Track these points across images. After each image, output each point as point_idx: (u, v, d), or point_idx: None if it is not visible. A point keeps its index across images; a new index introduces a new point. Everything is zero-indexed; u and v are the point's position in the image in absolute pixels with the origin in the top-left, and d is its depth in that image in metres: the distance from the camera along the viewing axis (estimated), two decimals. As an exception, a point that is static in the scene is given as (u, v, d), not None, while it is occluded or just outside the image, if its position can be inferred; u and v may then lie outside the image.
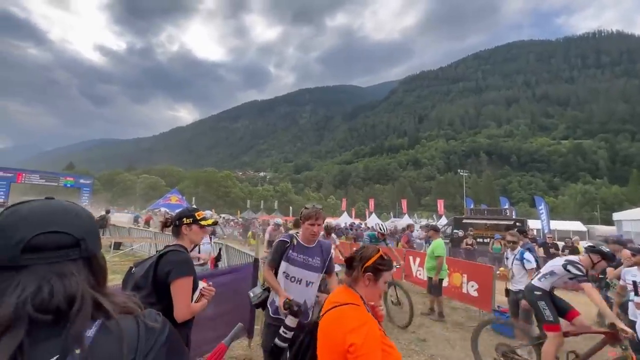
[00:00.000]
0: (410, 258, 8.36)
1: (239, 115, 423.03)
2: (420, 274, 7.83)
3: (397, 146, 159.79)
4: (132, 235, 12.00)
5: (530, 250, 4.99)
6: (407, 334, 5.00)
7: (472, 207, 27.41)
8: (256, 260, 4.18)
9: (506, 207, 25.57)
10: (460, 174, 61.78)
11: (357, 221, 26.81)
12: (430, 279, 5.85)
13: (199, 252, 4.47)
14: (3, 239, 0.58)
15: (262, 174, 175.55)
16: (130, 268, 1.84)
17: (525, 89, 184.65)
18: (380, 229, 6.00)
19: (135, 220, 23.23)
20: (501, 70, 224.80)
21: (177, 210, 2.12)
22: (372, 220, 31.26)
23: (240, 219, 30.40)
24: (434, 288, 5.76)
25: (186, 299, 1.73)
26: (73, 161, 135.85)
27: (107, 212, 13.57)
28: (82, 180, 40.80)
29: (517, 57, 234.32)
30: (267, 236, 7.84)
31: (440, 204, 37.08)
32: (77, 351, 0.53)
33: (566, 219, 33.92)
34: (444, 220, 31.11)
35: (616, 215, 17.85)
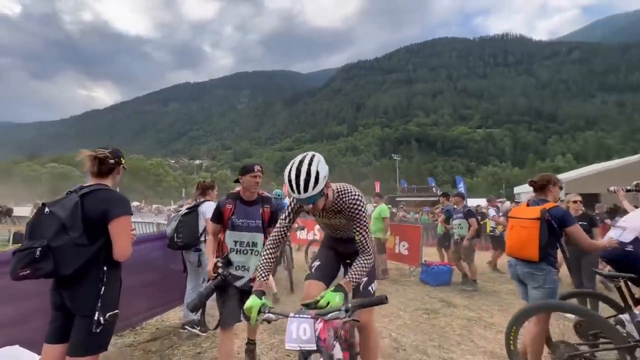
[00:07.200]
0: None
1: (169, 98, 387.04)
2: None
3: (337, 133, 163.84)
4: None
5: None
6: (347, 291, 5.29)
7: (405, 186, 29.80)
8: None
9: (432, 185, 28.62)
10: (394, 159, 66.28)
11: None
12: (378, 239, 6.24)
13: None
14: None
15: (197, 161, 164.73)
16: (42, 207, 1.64)
17: (448, 82, 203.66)
18: None
19: None
20: (429, 64, 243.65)
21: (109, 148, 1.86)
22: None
23: (172, 209, 28.23)
24: (381, 247, 6.17)
25: (129, 238, 1.72)
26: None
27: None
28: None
29: (442, 53, 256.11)
30: None
31: (377, 185, 39.44)
32: None
33: (480, 196, 38.99)
34: (379, 201, 33.46)
35: (516, 189, 21.12)
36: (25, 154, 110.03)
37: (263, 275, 1.73)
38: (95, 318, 1.56)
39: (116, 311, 1.67)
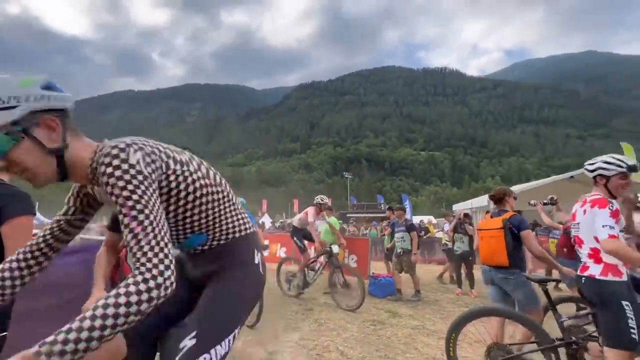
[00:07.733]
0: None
1: (110, 105, 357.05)
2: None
3: (291, 150, 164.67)
4: None
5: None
6: (295, 305, 5.12)
7: (355, 202, 30.62)
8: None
9: (381, 202, 30.02)
10: (346, 177, 68.13)
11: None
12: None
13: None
14: None
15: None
16: None
17: (395, 108, 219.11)
18: None
19: None
20: (378, 90, 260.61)
21: None
22: (265, 219, 31.25)
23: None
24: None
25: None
26: None
27: None
28: None
29: (390, 80, 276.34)
30: None
31: (330, 201, 39.93)
32: None
33: (423, 214, 41.61)
34: (331, 217, 33.90)
35: (455, 207, 22.98)
36: None
37: None
38: None
39: (4, 333, 1.31)
